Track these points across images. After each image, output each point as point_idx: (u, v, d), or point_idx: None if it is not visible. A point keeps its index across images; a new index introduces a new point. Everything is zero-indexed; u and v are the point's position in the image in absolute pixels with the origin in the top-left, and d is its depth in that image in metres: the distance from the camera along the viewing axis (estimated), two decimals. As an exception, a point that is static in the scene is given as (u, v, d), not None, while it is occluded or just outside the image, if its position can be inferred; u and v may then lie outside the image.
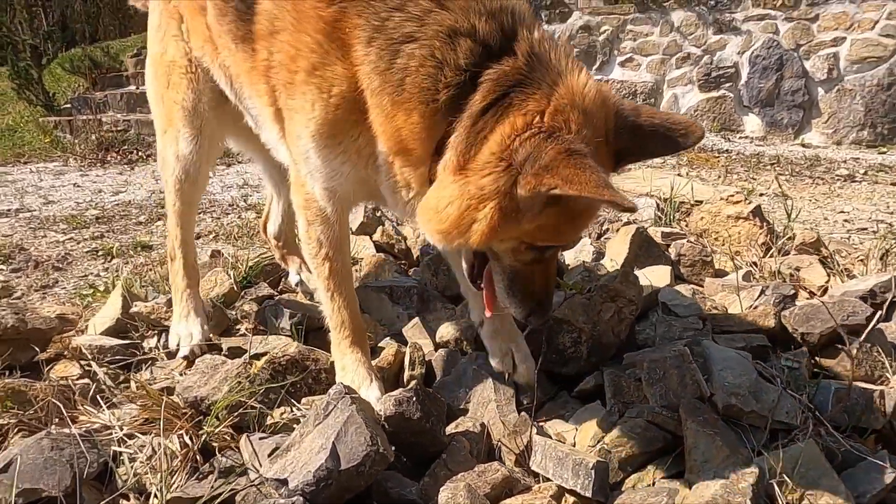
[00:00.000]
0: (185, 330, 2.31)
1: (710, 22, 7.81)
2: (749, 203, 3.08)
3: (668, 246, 3.03)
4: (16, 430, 1.93)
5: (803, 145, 7.56)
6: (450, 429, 1.79)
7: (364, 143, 1.63)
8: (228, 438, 1.86)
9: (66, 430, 1.85)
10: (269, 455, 1.67)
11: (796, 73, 7.47)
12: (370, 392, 1.82)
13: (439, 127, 1.48)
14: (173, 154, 2.29)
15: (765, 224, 3.07)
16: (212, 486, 1.60)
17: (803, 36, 7.42)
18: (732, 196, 3.14)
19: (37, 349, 2.41)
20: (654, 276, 2.49)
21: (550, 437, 1.76)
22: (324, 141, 1.66)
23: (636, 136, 1.53)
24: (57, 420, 1.98)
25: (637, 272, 2.34)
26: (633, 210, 1.31)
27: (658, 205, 3.99)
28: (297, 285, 2.78)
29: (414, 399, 1.62)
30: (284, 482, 1.47)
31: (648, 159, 2.29)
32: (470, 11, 1.46)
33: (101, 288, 3.27)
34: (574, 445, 1.76)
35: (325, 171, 1.72)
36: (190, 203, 2.41)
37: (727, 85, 7.82)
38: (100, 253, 4.13)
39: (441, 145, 1.49)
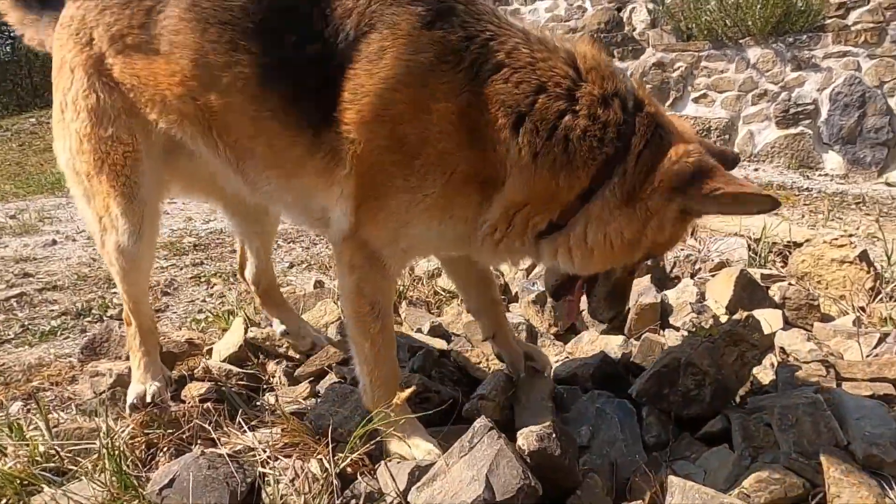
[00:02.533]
0: (141, 391, 2.24)
1: (787, 59, 7.74)
2: (855, 247, 3.04)
3: (768, 288, 3.01)
4: (164, 449, 2.07)
5: (888, 184, 7.35)
6: (576, 465, 1.84)
7: (474, 211, 1.78)
8: (363, 465, 1.95)
9: (216, 450, 1.98)
10: (407, 482, 1.76)
11: (880, 111, 7.30)
12: (429, 447, 1.82)
13: (590, 177, 1.71)
14: (114, 244, 2.09)
15: (871, 268, 3.03)
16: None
17: (887, 73, 7.27)
18: (836, 239, 3.11)
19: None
20: (766, 320, 2.49)
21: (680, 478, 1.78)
22: (434, 213, 1.75)
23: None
24: (199, 440, 2.12)
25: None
26: (780, 205, 1.64)
27: (749, 245, 3.96)
28: (283, 335, 2.69)
29: (554, 436, 1.67)
30: (434, 511, 1.55)
31: None
32: (604, 79, 1.71)
33: (213, 314, 3.46)
34: (703, 488, 1.77)
35: (421, 235, 1.81)
36: (138, 283, 2.25)
37: (806, 122, 7.69)
38: (202, 279, 4.35)
39: (589, 191, 1.72)
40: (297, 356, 2.69)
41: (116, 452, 1.94)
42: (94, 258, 4.84)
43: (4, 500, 1.83)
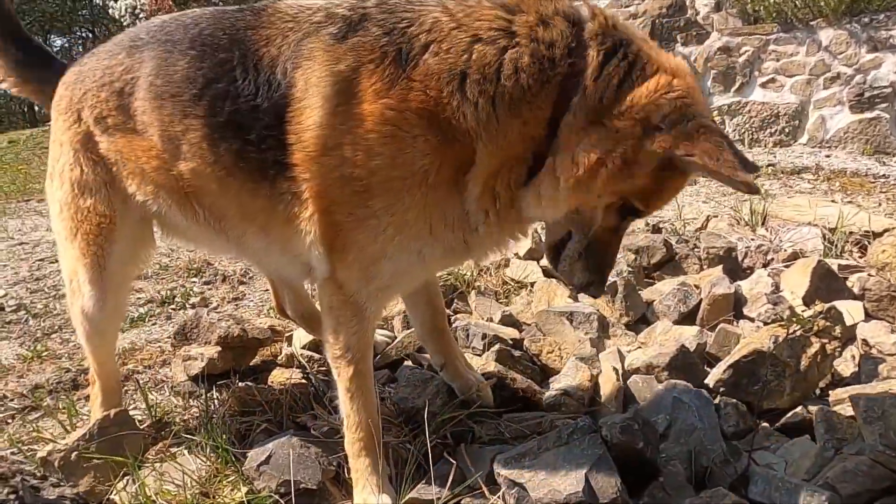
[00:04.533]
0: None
1: (863, 40, 7.40)
2: (940, 236, 2.93)
3: (846, 279, 2.95)
4: (257, 428, 2.21)
5: (971, 170, 6.97)
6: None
7: (458, 198, 1.65)
8: (446, 445, 2.04)
9: (306, 432, 2.10)
10: (489, 463, 1.84)
11: (964, 92, 6.92)
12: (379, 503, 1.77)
13: (550, 106, 1.58)
14: (79, 309, 2.14)
15: (958, 259, 2.92)
16: (447, 490, 1.77)
17: (973, 52, 6.88)
18: (920, 229, 3.00)
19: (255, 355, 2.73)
20: (847, 311, 2.45)
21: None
22: (412, 231, 1.65)
23: None
24: (289, 421, 2.24)
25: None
26: (757, 192, 1.53)
27: (824, 235, 3.85)
28: None
29: (636, 427, 1.71)
30: (520, 486, 1.62)
31: None
32: (541, 3, 1.61)
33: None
34: (785, 478, 1.78)
35: (399, 263, 1.71)
36: (102, 346, 2.27)
37: (882, 105, 7.36)
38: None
39: (555, 120, 1.58)
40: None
41: (215, 430, 2.09)
42: (173, 249, 5.08)
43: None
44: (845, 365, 2.27)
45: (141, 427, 2.23)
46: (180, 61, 1.83)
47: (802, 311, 2.21)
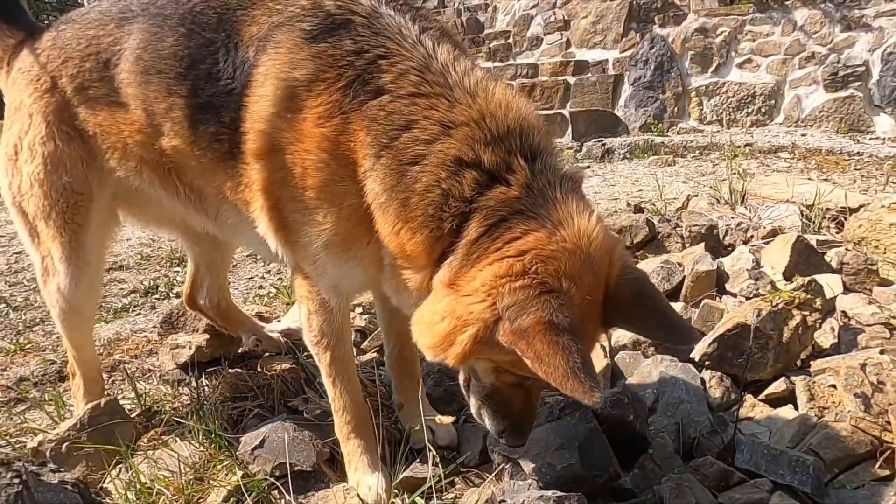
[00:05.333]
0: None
1: (836, 19, 7.50)
2: (914, 210, 3.01)
3: (824, 254, 3.01)
4: (249, 413, 2.21)
5: (942, 146, 7.12)
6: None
7: (373, 249, 1.61)
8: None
9: (299, 415, 2.11)
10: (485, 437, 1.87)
11: (935, 70, 7.06)
12: (373, 481, 1.77)
13: (441, 245, 1.47)
14: (55, 287, 2.09)
15: (932, 232, 2.99)
16: (442, 468, 1.80)
17: (943, 30, 7.00)
18: (895, 203, 3.08)
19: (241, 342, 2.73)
20: (827, 284, 2.50)
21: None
22: (335, 249, 1.64)
23: (637, 303, 1.44)
24: (281, 405, 2.25)
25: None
26: (598, 404, 1.22)
27: (802, 212, 3.92)
28: (255, 345, 2.67)
29: (626, 401, 1.75)
30: (513, 461, 1.65)
31: (638, 333, 2.01)
32: (475, 141, 1.44)
33: (276, 288, 3.61)
34: (769, 447, 1.83)
35: (334, 273, 1.70)
36: (80, 328, 2.24)
37: (856, 84, 7.47)
38: (259, 257, 4.50)
39: (442, 257, 1.47)
40: (362, 327, 2.80)
41: (207, 416, 2.09)
42: (154, 239, 5.03)
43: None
44: (825, 337, 2.32)
45: (130, 416, 2.22)
46: (169, 37, 1.79)
47: (784, 286, 2.26)
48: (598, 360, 2.23)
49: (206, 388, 2.40)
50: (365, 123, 1.49)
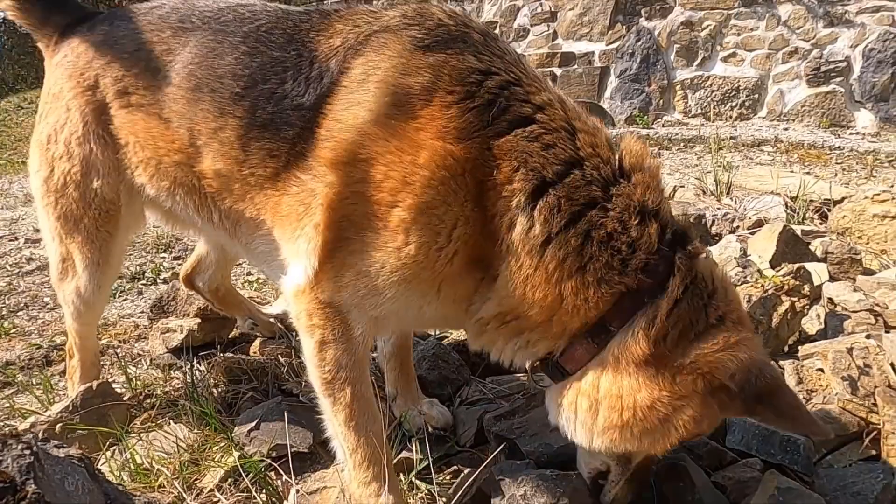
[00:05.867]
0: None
1: (819, 15, 7.60)
2: (897, 201, 3.08)
3: (809, 244, 3.07)
4: (244, 396, 2.21)
5: (921, 142, 7.26)
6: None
7: (466, 288, 1.46)
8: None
9: (294, 398, 2.11)
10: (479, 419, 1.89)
11: (915, 67, 7.19)
12: None
13: (604, 307, 1.35)
14: (73, 289, 2.05)
15: (913, 223, 3.06)
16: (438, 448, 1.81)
17: (923, 27, 7.13)
18: (878, 195, 3.14)
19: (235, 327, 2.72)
20: (815, 272, 2.55)
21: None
22: (412, 281, 1.44)
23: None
24: (275, 389, 2.25)
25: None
26: (827, 436, 1.36)
27: (786, 203, 3.99)
28: (251, 328, 2.65)
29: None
30: (510, 442, 1.67)
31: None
32: (651, 190, 1.38)
33: (262, 278, 3.60)
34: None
35: (392, 307, 1.49)
36: (90, 324, 2.24)
37: (838, 80, 7.60)
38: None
39: (599, 324, 1.36)
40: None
41: (201, 399, 2.08)
42: (139, 225, 4.98)
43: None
44: (811, 323, 2.37)
45: (122, 399, 2.21)
46: (228, 55, 1.70)
47: (774, 274, 2.30)
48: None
49: (199, 371, 2.39)
50: (513, 152, 1.35)
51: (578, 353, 1.39)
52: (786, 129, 7.64)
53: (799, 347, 2.12)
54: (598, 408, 1.35)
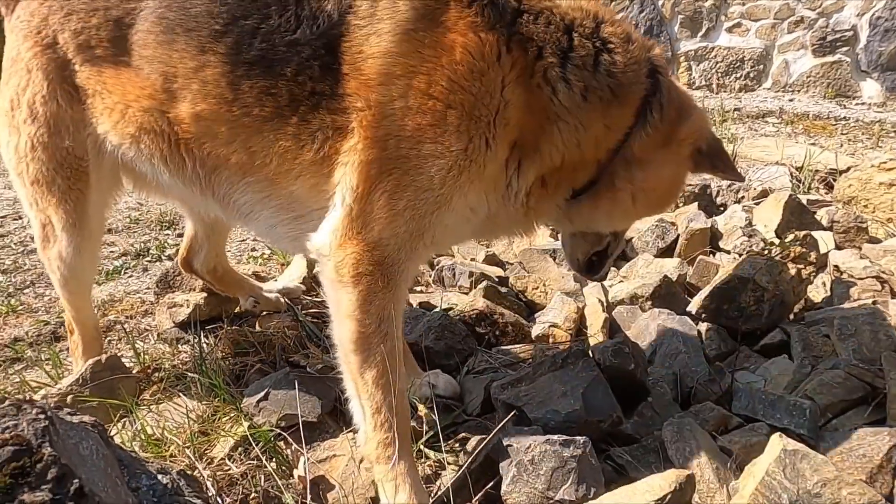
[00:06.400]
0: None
1: (826, -17, 7.47)
2: (903, 169, 3.05)
3: (815, 213, 3.05)
4: (251, 368, 2.23)
5: (927, 111, 7.18)
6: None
7: (503, 178, 1.60)
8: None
9: (301, 370, 2.13)
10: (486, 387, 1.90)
11: (922, 35, 7.08)
12: None
13: (630, 114, 1.65)
14: (55, 254, 2.03)
15: (920, 191, 3.04)
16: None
17: (932, -5, 7.01)
18: (885, 163, 3.12)
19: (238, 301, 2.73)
20: (821, 239, 2.55)
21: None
22: (475, 183, 1.53)
23: None
24: (282, 361, 2.26)
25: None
26: (742, 180, 1.90)
27: (792, 173, 3.97)
28: (254, 306, 2.62)
29: (627, 351, 1.78)
30: (518, 409, 1.68)
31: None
32: (617, 23, 1.66)
33: (270, 249, 3.60)
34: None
35: (450, 217, 1.55)
36: (80, 292, 2.19)
37: (844, 49, 7.49)
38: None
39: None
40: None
41: (209, 371, 2.10)
42: (142, 203, 4.97)
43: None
44: (816, 292, 2.37)
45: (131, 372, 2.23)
46: None
47: (780, 241, 2.30)
48: (597, 314, 2.26)
49: (206, 344, 2.41)
50: (530, 35, 1.53)
51: (606, 162, 1.66)
52: (791, 100, 7.56)
53: (805, 314, 2.13)
54: (639, 196, 1.70)
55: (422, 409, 1.80)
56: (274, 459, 1.76)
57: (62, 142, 1.89)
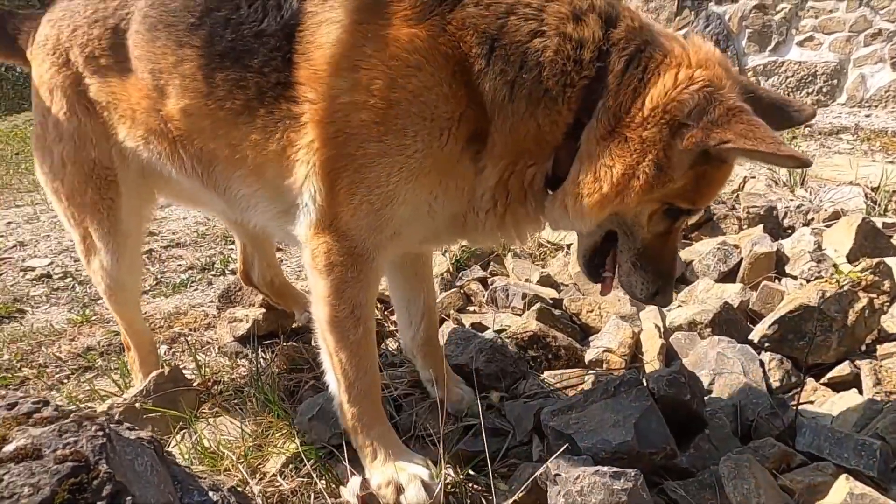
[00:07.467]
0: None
1: (906, -7, 7.13)
2: None
3: (891, 237, 2.89)
4: (305, 385, 2.27)
5: None
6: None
7: (465, 175, 1.55)
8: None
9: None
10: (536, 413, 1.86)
11: None
12: (420, 469, 1.65)
13: (576, 107, 1.48)
14: (98, 265, 2.10)
15: None
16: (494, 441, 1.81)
17: None
18: (970, 185, 2.93)
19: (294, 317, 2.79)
20: (894, 268, 2.41)
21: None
22: (424, 179, 1.52)
23: (756, 107, 1.44)
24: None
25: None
26: (809, 164, 1.37)
27: (866, 194, 3.78)
28: (308, 322, 2.52)
29: (683, 380, 1.72)
30: (567, 437, 1.64)
31: None
32: None
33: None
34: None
35: (409, 213, 1.56)
36: (127, 302, 2.24)
37: (926, 62, 7.11)
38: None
39: (575, 127, 1.49)
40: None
41: (264, 386, 2.15)
42: (209, 218, 5.16)
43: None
44: (891, 322, 2.24)
45: (192, 385, 2.31)
46: None
47: (851, 269, 2.19)
48: (653, 340, 2.20)
49: (263, 359, 2.47)
50: (465, 25, 1.45)
51: (563, 158, 1.51)
52: (867, 116, 7.22)
53: (877, 346, 2.01)
54: (583, 195, 1.47)
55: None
56: (324, 477, 1.78)
57: (88, 154, 1.96)
